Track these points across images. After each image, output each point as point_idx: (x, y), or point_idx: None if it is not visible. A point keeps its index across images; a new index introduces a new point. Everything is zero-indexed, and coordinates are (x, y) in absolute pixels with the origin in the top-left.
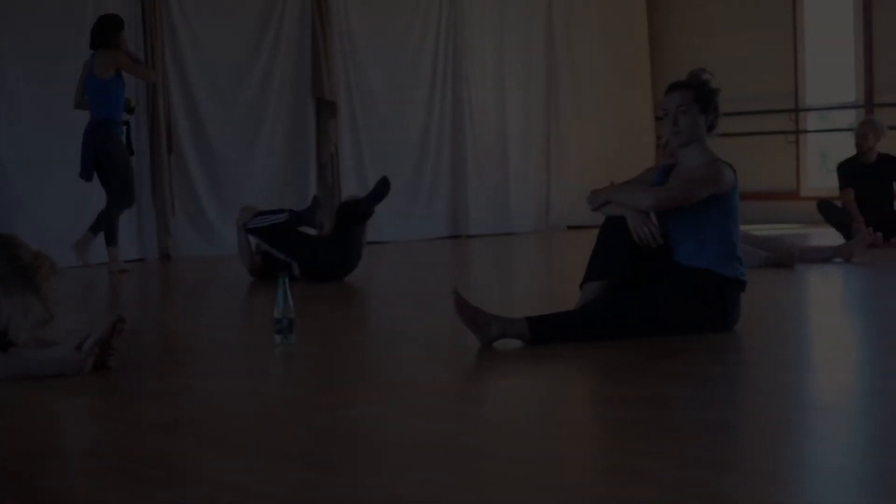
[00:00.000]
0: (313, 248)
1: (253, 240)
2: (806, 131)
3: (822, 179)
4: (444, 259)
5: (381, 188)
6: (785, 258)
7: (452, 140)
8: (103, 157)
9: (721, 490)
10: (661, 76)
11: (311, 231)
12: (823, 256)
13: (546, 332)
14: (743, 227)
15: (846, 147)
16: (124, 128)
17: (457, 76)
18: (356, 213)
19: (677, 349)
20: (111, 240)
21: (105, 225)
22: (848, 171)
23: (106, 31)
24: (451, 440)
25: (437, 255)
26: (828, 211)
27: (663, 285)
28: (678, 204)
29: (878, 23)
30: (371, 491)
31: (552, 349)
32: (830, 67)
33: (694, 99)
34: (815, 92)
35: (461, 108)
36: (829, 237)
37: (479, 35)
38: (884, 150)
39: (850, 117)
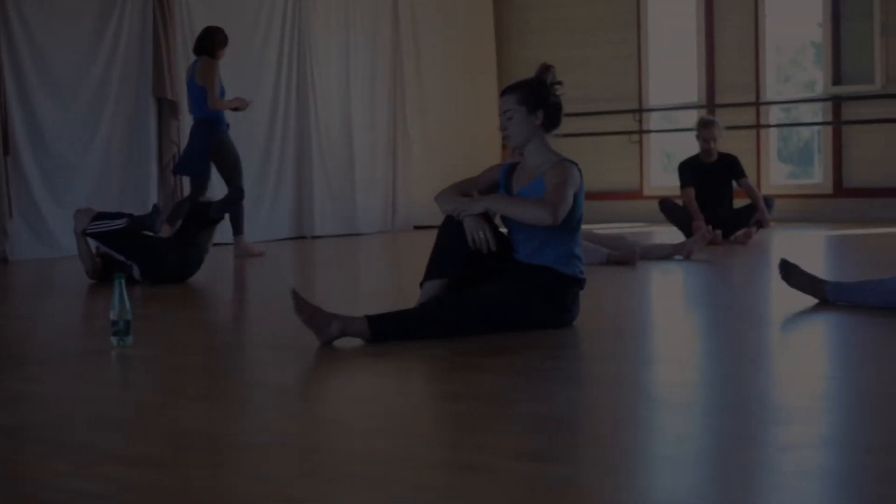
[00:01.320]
0: (155, 250)
1: (93, 242)
2: (649, 131)
3: (665, 179)
4: (287, 260)
5: (234, 196)
6: (627, 256)
7: (297, 141)
8: (215, 155)
9: (555, 481)
10: (507, 75)
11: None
12: (664, 254)
13: (386, 330)
14: (586, 226)
15: (690, 147)
16: (226, 126)
17: (301, 75)
18: (204, 218)
19: (515, 345)
20: (239, 229)
21: (232, 214)
22: (688, 171)
23: (209, 41)
24: (288, 438)
25: (281, 256)
26: (669, 209)
27: (502, 283)
28: (566, 210)
29: (718, 25)
30: (203, 490)
31: (392, 347)
32: (674, 68)
33: (519, 101)
34: (658, 93)
35: (306, 108)
36: (670, 236)
37: (325, 34)
38: (723, 149)
39: (693, 118)
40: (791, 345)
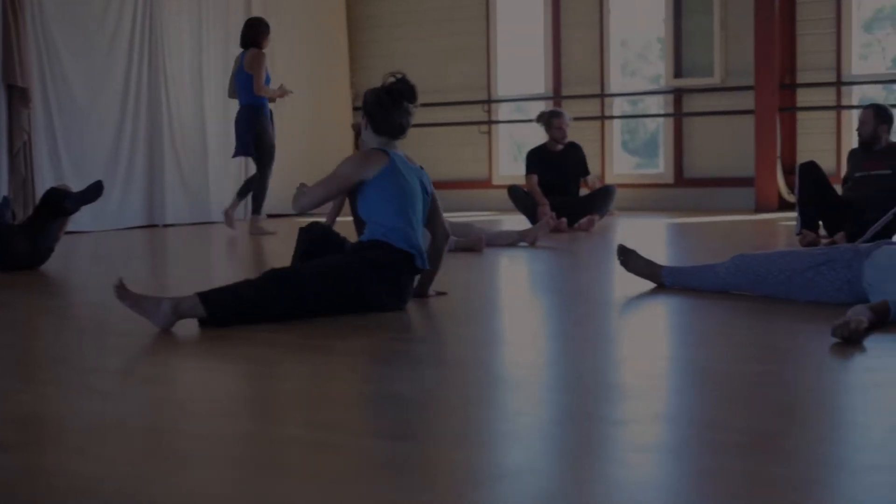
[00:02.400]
0: (3, 237)
1: None
2: (498, 122)
3: (514, 168)
4: (136, 248)
5: (93, 191)
6: (474, 243)
7: (149, 128)
8: (256, 137)
9: (401, 457)
10: (359, 67)
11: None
12: (509, 241)
13: (221, 306)
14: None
15: (539, 137)
16: (268, 111)
17: (153, 63)
18: (59, 208)
19: (362, 328)
20: (256, 209)
21: (255, 195)
22: (536, 159)
23: (253, 33)
24: (132, 420)
25: (131, 244)
26: (516, 197)
27: (339, 255)
28: (324, 198)
29: (565, 19)
30: (48, 472)
31: (231, 331)
32: (522, 60)
33: (364, 115)
34: (507, 84)
35: (158, 94)
36: (517, 223)
37: (177, 23)
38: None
39: (541, 108)
40: (629, 327)
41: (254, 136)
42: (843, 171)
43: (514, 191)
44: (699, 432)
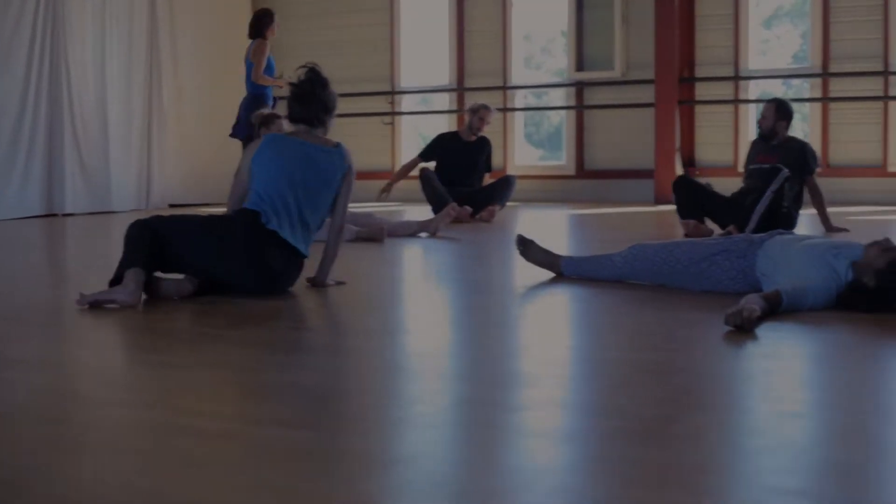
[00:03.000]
0: None
1: None
2: (402, 113)
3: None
4: (34, 238)
5: None
6: (375, 233)
7: (49, 116)
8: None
9: (296, 445)
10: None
11: None
12: (411, 231)
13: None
14: None
15: (443, 128)
16: (272, 100)
17: (55, 49)
18: None
19: (259, 317)
20: None
21: None
22: (442, 144)
23: (258, 23)
24: (27, 409)
25: (28, 234)
26: (425, 185)
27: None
28: (238, 191)
29: (468, 11)
30: None
31: (122, 319)
32: (426, 52)
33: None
34: (411, 75)
35: (58, 84)
36: (419, 213)
37: (80, 9)
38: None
39: (444, 100)
40: (527, 315)
41: (244, 120)
42: (741, 163)
43: (424, 178)
44: (595, 419)
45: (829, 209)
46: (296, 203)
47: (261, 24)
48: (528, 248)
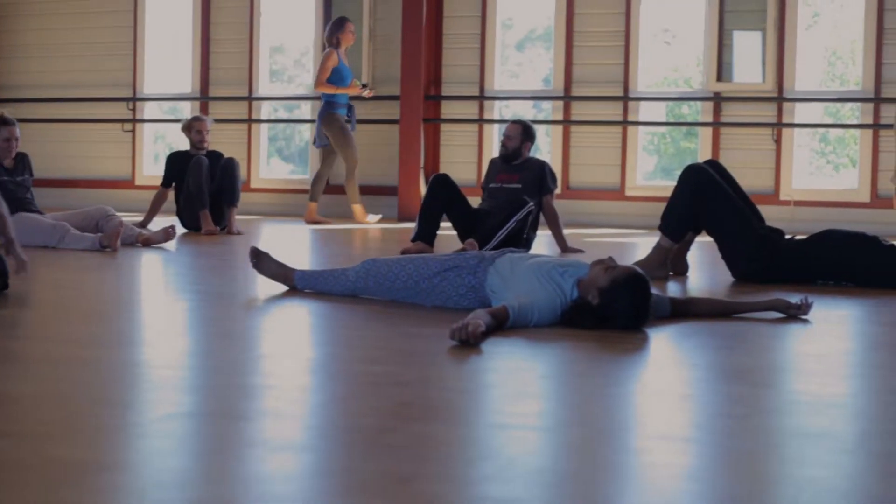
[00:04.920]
0: None
1: None
2: (143, 120)
3: (158, 168)
4: None
5: None
6: (111, 237)
7: None
8: (326, 129)
9: (23, 458)
10: (2, 58)
11: None
12: (130, 239)
13: None
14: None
15: (181, 137)
16: (344, 109)
17: None
18: None
19: None
20: (313, 196)
21: (312, 182)
22: (175, 164)
23: (328, 32)
24: None
25: None
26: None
27: None
28: None
29: (214, 20)
30: None
31: None
32: (170, 59)
33: None
34: (154, 82)
35: None
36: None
37: None
38: (215, 143)
39: (188, 109)
40: (260, 328)
41: (318, 130)
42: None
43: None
44: (320, 429)
45: (569, 231)
46: None
47: (330, 33)
48: (262, 261)
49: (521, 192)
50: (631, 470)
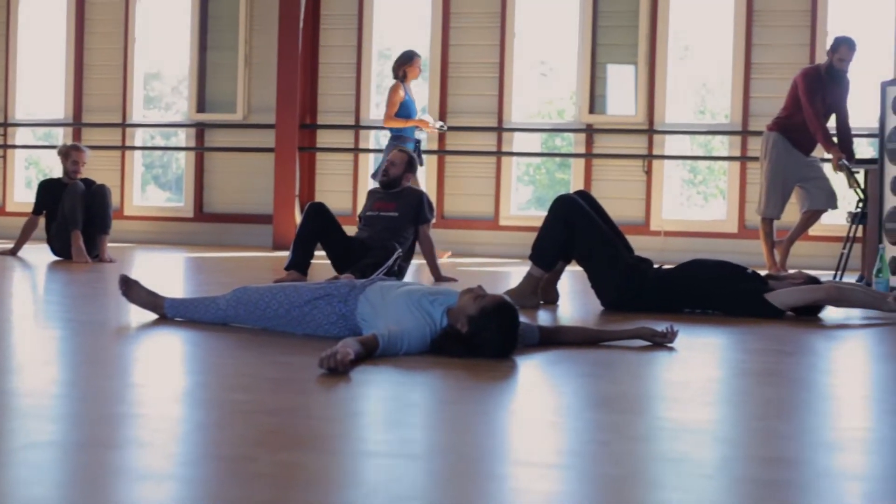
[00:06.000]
0: None
1: None
2: (15, 146)
3: (29, 195)
4: None
5: None
6: None
7: None
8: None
9: None
10: None
11: None
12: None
13: None
14: None
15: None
16: (413, 143)
17: None
18: None
19: None
20: None
21: None
22: (49, 190)
23: (394, 66)
24: None
25: None
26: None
27: None
28: None
29: (88, 45)
30: None
31: None
32: (44, 84)
33: None
34: (26, 107)
35: None
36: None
37: None
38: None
39: (61, 135)
40: (129, 356)
41: (382, 163)
42: (360, 212)
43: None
44: (190, 459)
45: (443, 260)
46: None
47: (396, 66)
48: (132, 289)
49: (397, 220)
50: (496, 497)
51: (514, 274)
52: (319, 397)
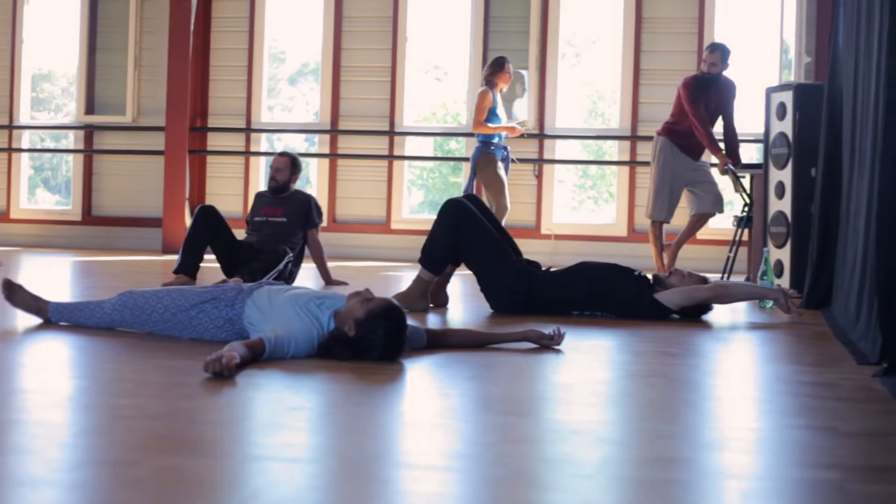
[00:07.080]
0: None
1: None
2: None
3: None
4: None
5: None
6: None
7: None
8: (480, 171)
9: None
10: None
11: None
12: None
13: None
14: None
15: None
16: (501, 151)
17: None
18: None
19: None
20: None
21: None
22: None
23: (486, 73)
24: None
25: None
26: None
27: None
28: None
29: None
30: None
31: None
32: None
33: None
34: None
35: None
36: None
37: None
38: None
39: None
40: (13, 360)
41: (472, 172)
42: None
43: None
44: (68, 465)
45: (334, 263)
46: None
47: (488, 73)
48: (14, 293)
49: (285, 225)
50: (379, 500)
51: (406, 277)
52: (204, 401)
